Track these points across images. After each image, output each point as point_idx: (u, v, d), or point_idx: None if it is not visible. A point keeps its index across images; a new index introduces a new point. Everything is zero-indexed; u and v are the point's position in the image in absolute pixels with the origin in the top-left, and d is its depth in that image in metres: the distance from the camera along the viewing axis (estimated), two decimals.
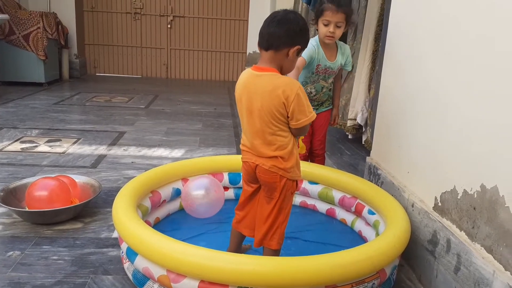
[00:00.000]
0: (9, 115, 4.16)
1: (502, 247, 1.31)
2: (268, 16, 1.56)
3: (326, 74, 2.26)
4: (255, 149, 1.56)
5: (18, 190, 2.21)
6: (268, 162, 1.53)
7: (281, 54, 1.50)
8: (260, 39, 1.54)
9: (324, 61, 2.21)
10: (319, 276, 1.37)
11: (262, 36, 1.53)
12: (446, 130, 1.65)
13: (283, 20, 1.50)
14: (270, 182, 1.56)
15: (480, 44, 1.46)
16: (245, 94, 1.54)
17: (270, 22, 1.52)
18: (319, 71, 2.23)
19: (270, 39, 1.50)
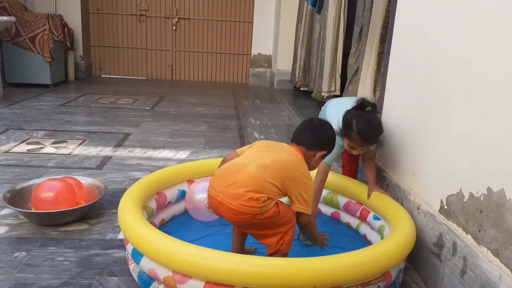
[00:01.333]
0: (15, 117, 4.18)
1: (508, 251, 1.30)
2: (305, 120, 1.85)
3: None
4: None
5: (24, 192, 2.22)
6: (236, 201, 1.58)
7: (310, 154, 1.73)
8: (294, 134, 1.78)
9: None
10: (325, 277, 1.37)
11: (298, 133, 1.78)
12: (452, 132, 1.65)
13: (318, 127, 1.79)
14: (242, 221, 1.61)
15: (486, 47, 1.45)
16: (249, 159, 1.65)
17: (306, 125, 1.81)
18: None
19: (302, 138, 1.74)
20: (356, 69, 3.37)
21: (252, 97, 6.09)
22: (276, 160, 1.62)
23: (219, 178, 1.63)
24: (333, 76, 4.41)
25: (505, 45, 1.36)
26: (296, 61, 5.86)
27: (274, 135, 4.04)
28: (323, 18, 4.60)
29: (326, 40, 4.45)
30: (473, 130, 1.51)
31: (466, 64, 1.57)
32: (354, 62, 3.43)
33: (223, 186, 1.58)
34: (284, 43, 6.48)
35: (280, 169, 1.59)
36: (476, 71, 1.50)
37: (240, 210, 1.52)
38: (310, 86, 5.21)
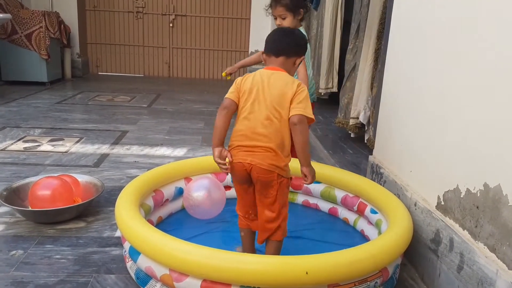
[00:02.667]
0: (12, 115, 4.16)
1: (505, 246, 1.31)
2: (275, 29, 1.75)
3: None
4: (256, 140, 1.57)
5: (21, 189, 2.22)
6: (266, 160, 1.55)
7: (290, 62, 1.66)
8: (270, 45, 1.68)
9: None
10: (321, 275, 1.37)
11: (273, 43, 1.68)
12: (449, 128, 1.65)
13: (292, 32, 1.72)
14: (267, 182, 1.58)
15: (484, 43, 1.45)
16: (258, 86, 1.61)
17: (279, 33, 1.70)
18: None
19: (281, 46, 1.66)
20: (354, 66, 3.36)
21: None
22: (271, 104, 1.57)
23: (241, 141, 1.61)
24: (331, 73, 4.40)
25: (503, 40, 1.36)
26: None
27: None
28: (320, 14, 4.59)
29: (323, 37, 4.44)
30: (469, 126, 1.51)
31: (463, 60, 1.57)
32: (351, 59, 3.43)
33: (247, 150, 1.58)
34: None
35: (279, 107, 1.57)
36: (473, 67, 1.50)
37: (269, 169, 1.55)
38: None
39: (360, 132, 3.32)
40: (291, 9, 2.15)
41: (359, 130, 3.30)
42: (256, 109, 1.59)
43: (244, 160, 1.59)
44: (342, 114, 3.48)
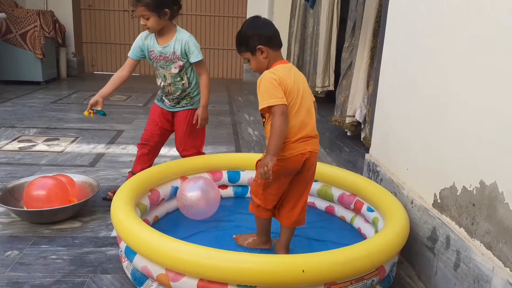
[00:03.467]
0: (7, 114, 4.14)
1: (501, 244, 1.31)
2: (263, 19, 1.76)
3: (163, 61, 2.22)
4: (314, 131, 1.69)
5: (16, 190, 2.20)
6: (318, 146, 1.71)
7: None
8: (279, 38, 1.73)
9: (156, 46, 2.22)
10: (318, 273, 1.37)
11: (277, 36, 1.72)
12: (445, 126, 1.65)
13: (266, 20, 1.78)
14: (315, 166, 1.73)
15: (480, 41, 1.45)
16: (301, 82, 1.68)
17: (270, 23, 1.75)
18: (154, 57, 2.24)
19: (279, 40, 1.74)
20: (350, 64, 3.36)
21: (246, 93, 6.07)
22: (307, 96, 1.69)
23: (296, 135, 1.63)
24: (327, 71, 4.41)
25: (500, 38, 1.36)
26: (290, 56, 5.84)
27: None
28: (316, 13, 4.59)
29: (319, 35, 4.44)
30: (465, 124, 1.51)
31: (459, 58, 1.57)
32: (347, 57, 3.43)
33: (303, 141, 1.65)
34: None
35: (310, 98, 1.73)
36: (470, 65, 1.50)
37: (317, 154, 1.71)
38: None
39: (356, 130, 3.32)
40: (154, 9, 2.07)
41: (356, 128, 3.30)
42: (302, 102, 1.65)
43: (304, 150, 1.64)
44: (338, 112, 3.48)
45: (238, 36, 1.72)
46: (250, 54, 1.70)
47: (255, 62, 1.70)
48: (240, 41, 1.71)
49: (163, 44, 2.20)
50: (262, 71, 1.68)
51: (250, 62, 1.73)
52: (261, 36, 1.67)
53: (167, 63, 2.22)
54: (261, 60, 1.68)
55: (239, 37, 1.71)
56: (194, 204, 1.98)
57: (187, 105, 2.32)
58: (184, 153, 2.39)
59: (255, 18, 1.75)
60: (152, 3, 2.06)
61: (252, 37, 1.66)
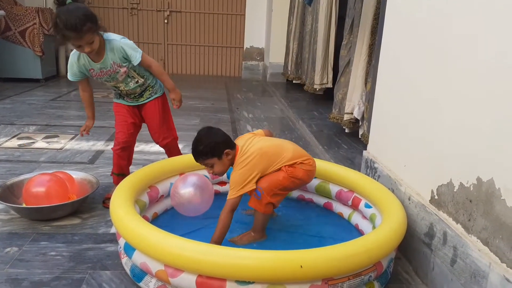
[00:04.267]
0: (6, 112, 4.15)
1: (498, 240, 1.32)
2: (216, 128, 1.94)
3: (106, 75, 2.14)
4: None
5: (15, 187, 2.21)
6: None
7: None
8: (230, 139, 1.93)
9: (93, 64, 2.10)
10: (316, 269, 1.38)
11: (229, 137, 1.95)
12: (442, 123, 1.65)
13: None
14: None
15: (478, 38, 1.46)
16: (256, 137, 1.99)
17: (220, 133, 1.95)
18: (96, 74, 2.13)
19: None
20: (348, 61, 3.36)
21: (245, 90, 6.08)
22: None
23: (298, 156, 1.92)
24: (325, 69, 4.41)
25: (498, 36, 1.37)
26: (289, 54, 5.85)
27: (267, 128, 4.03)
28: (315, 10, 4.59)
29: (318, 33, 4.44)
30: (463, 121, 1.52)
31: (457, 56, 1.57)
32: (345, 54, 3.43)
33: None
34: (276, 36, 6.46)
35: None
36: (467, 62, 1.51)
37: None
38: (303, 79, 5.21)
39: (354, 127, 3.32)
40: (95, 30, 1.96)
41: (354, 125, 3.31)
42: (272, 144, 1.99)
43: (314, 165, 2.02)
44: (336, 109, 3.49)
45: (204, 147, 1.85)
46: (216, 159, 1.87)
47: (221, 165, 1.88)
48: (206, 150, 1.86)
49: (98, 60, 2.09)
50: (226, 171, 1.92)
51: (215, 167, 1.88)
52: (225, 141, 1.88)
53: (111, 75, 2.14)
54: (226, 162, 1.88)
55: (205, 147, 1.85)
56: (188, 201, 1.98)
57: (151, 95, 2.28)
58: (165, 141, 2.38)
59: (211, 128, 1.92)
60: (93, 26, 1.93)
61: (219, 144, 1.86)
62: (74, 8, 1.91)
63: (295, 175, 1.87)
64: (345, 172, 2.17)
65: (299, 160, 1.90)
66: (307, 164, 1.92)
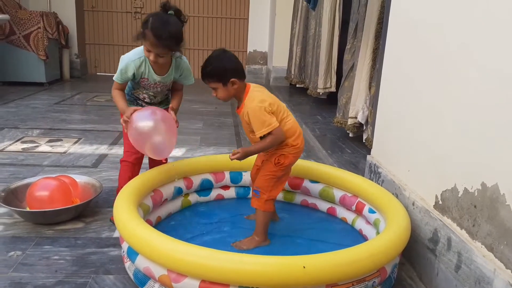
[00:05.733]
0: (10, 115, 4.16)
1: (502, 245, 1.31)
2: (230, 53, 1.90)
3: (159, 88, 2.12)
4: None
5: (19, 190, 2.21)
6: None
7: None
8: (244, 70, 1.89)
9: (153, 76, 2.05)
10: (320, 275, 1.37)
11: (243, 68, 1.90)
12: (446, 128, 1.65)
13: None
14: None
15: (480, 43, 1.45)
16: (274, 95, 1.94)
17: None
18: (146, 84, 2.09)
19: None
20: (352, 65, 3.36)
21: None
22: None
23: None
24: (329, 73, 4.40)
25: (501, 39, 1.36)
26: (292, 58, 5.85)
27: None
28: (319, 14, 4.59)
29: (321, 37, 4.44)
30: (467, 126, 1.52)
31: (461, 60, 1.57)
32: (349, 59, 3.43)
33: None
34: (279, 40, 6.46)
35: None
36: (472, 67, 1.51)
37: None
38: (306, 83, 5.21)
39: (358, 131, 3.32)
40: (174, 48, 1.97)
41: (358, 129, 3.30)
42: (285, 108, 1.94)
43: (303, 142, 1.98)
44: (340, 113, 3.49)
45: (211, 68, 1.82)
46: (221, 85, 1.83)
47: (225, 93, 1.85)
48: (212, 73, 1.83)
49: (161, 73, 2.06)
50: (228, 100, 1.90)
51: (218, 91, 1.86)
52: (235, 69, 1.84)
53: (163, 89, 2.15)
54: (230, 90, 1.85)
55: (213, 69, 1.82)
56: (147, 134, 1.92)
57: (166, 105, 2.26)
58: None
59: (225, 51, 1.87)
60: (174, 44, 1.95)
61: (227, 71, 1.81)
62: (172, 22, 1.91)
63: (283, 163, 1.88)
64: (349, 177, 2.16)
65: (290, 140, 1.87)
66: (296, 147, 1.89)
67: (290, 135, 1.88)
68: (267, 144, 1.83)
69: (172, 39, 1.90)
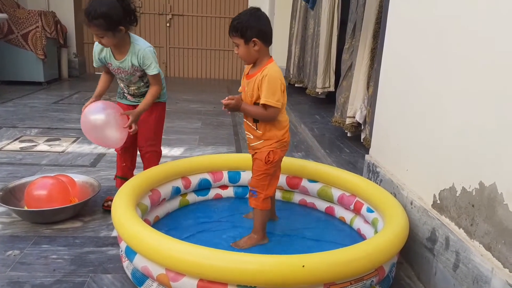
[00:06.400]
0: (9, 114, 4.15)
1: (500, 245, 1.31)
2: (264, 13, 1.82)
3: (123, 74, 2.14)
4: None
5: (17, 190, 2.21)
6: None
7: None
8: (271, 36, 1.83)
9: (113, 61, 2.11)
10: (318, 274, 1.37)
11: (271, 33, 1.83)
12: (444, 127, 1.65)
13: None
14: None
15: (479, 43, 1.46)
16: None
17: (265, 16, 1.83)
18: (113, 69, 2.16)
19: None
20: (350, 65, 3.36)
21: None
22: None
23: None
24: (327, 72, 4.41)
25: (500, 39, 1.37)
26: (291, 57, 5.85)
27: None
28: (317, 14, 4.59)
29: (320, 37, 4.44)
30: (465, 125, 1.52)
31: (459, 60, 1.57)
32: (347, 58, 3.43)
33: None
34: (278, 40, 6.45)
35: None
36: (469, 66, 1.51)
37: None
38: (305, 83, 5.21)
39: (356, 131, 3.32)
40: (107, 28, 1.95)
41: (356, 129, 3.31)
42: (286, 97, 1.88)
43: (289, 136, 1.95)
44: (338, 113, 3.49)
45: (238, 22, 1.75)
46: (243, 41, 1.76)
47: (246, 51, 1.78)
48: (237, 27, 1.75)
49: (119, 58, 2.10)
50: (248, 61, 1.83)
51: (240, 48, 1.79)
52: (260, 30, 1.75)
53: (127, 76, 2.15)
54: (251, 51, 1.78)
55: (239, 23, 1.75)
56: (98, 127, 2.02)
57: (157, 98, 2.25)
58: (149, 148, 2.28)
59: (258, 10, 1.79)
60: (105, 23, 1.93)
61: (252, 28, 1.73)
62: (106, 2, 1.94)
63: (273, 159, 1.85)
64: (347, 176, 2.16)
65: (280, 133, 1.85)
66: (284, 141, 1.87)
67: (282, 128, 1.86)
68: (263, 114, 1.78)
69: (100, 18, 1.92)
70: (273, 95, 1.75)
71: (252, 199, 1.90)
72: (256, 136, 1.88)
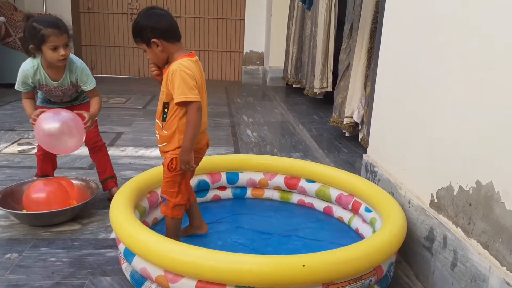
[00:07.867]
0: (7, 117, 4.15)
1: (497, 243, 1.32)
2: (158, 11, 1.69)
3: (60, 92, 2.20)
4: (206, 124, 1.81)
5: (15, 193, 2.21)
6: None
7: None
8: (174, 31, 1.69)
9: (50, 82, 2.14)
10: (316, 273, 1.38)
11: (173, 28, 1.68)
12: (441, 127, 1.66)
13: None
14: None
15: (476, 42, 1.46)
16: (203, 78, 1.77)
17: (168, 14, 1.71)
18: (48, 89, 2.18)
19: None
20: (347, 65, 3.37)
21: (245, 94, 6.08)
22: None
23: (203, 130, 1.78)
24: (325, 73, 4.42)
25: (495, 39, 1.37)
26: (288, 58, 5.86)
27: (267, 132, 4.04)
28: (314, 14, 4.60)
29: (317, 37, 4.45)
30: (462, 124, 1.52)
31: (455, 60, 1.58)
32: (345, 58, 3.44)
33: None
34: (276, 40, 6.47)
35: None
36: (465, 66, 1.51)
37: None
38: (303, 83, 5.22)
39: (354, 131, 3.33)
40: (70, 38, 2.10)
41: (354, 129, 3.31)
42: (204, 97, 1.75)
43: (207, 139, 1.83)
44: (336, 113, 3.50)
45: (133, 27, 1.67)
46: (145, 45, 1.67)
47: (152, 54, 1.69)
48: (134, 32, 1.68)
49: (56, 78, 2.14)
50: (160, 64, 1.72)
51: (147, 53, 1.70)
52: (154, 29, 1.63)
53: (65, 91, 2.21)
54: (157, 53, 1.67)
55: (134, 28, 1.67)
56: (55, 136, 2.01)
57: (85, 98, 2.33)
58: (100, 142, 2.38)
59: (149, 9, 1.68)
60: (68, 30, 2.09)
61: (146, 30, 1.63)
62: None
63: (176, 167, 1.69)
64: (345, 176, 2.17)
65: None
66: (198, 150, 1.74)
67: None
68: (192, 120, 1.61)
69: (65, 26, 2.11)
70: (187, 87, 1.59)
71: (162, 205, 1.79)
72: (162, 136, 1.72)
